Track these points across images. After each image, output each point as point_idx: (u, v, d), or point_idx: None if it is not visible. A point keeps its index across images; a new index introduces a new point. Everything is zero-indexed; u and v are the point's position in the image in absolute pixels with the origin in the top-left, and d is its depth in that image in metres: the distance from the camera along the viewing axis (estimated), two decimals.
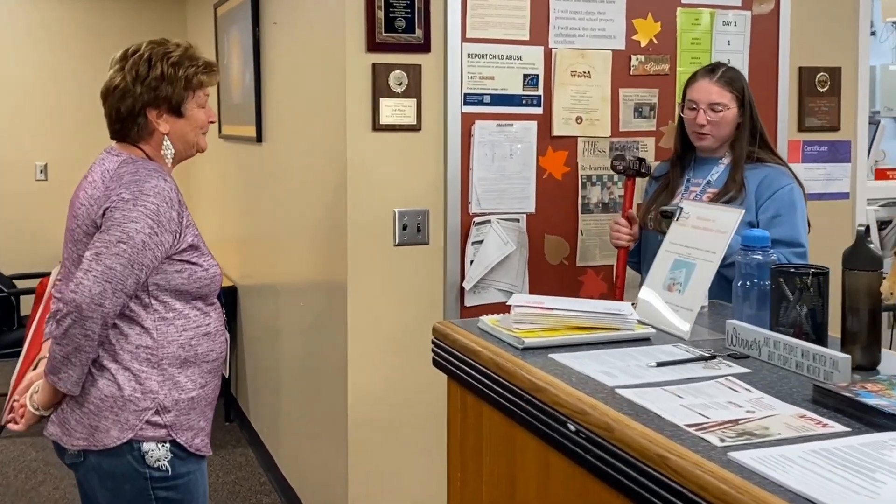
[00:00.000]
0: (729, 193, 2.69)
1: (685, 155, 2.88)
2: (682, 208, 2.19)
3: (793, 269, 1.85)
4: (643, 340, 1.99)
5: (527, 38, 3.11)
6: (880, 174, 3.84)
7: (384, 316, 3.05)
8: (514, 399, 1.80)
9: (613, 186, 3.26)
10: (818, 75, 3.50)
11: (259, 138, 4.14)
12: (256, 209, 4.35)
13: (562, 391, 1.65)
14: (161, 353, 2.20)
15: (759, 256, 1.96)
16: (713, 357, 1.82)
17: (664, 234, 2.77)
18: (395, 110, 2.99)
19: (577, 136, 3.20)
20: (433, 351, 2.20)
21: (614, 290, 2.93)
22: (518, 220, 3.15)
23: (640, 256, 2.98)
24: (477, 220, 3.08)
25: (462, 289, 3.09)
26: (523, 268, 3.16)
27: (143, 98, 2.24)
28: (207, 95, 2.36)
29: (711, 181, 2.77)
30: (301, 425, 3.67)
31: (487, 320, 2.08)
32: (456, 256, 3.09)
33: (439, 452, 3.13)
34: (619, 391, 1.63)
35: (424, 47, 3.00)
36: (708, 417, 1.49)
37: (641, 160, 2.93)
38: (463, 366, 2.03)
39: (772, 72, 3.41)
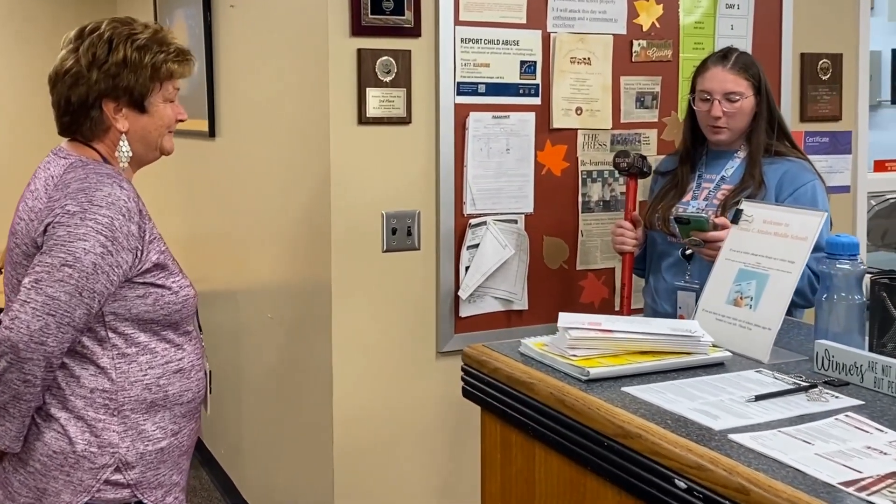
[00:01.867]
0: (747, 190, 2.45)
1: (695, 149, 2.64)
2: (741, 210, 1.94)
3: None
4: (717, 366, 1.73)
5: (524, 21, 2.82)
6: (879, 166, 3.68)
7: (372, 329, 2.74)
8: (588, 444, 1.52)
9: (615, 183, 3.00)
10: (820, 62, 3.30)
11: (212, 133, 3.76)
12: (207, 210, 3.97)
13: (662, 439, 1.38)
14: (122, 397, 1.83)
15: (847, 266, 1.72)
16: (813, 386, 1.58)
17: (674, 236, 2.54)
18: (382, 101, 2.67)
19: (576, 129, 2.93)
20: (463, 380, 1.91)
21: (621, 301, 2.67)
22: (516, 222, 2.87)
23: (645, 262, 2.73)
24: (472, 221, 2.79)
25: (457, 298, 2.80)
26: (523, 273, 2.88)
27: (100, 86, 1.87)
28: (177, 89, 1.99)
29: (726, 177, 2.53)
30: (272, 447, 3.33)
31: (531, 344, 1.80)
32: (449, 262, 2.79)
33: (436, 477, 2.86)
34: (731, 437, 1.37)
35: (414, 31, 2.69)
36: (860, 472, 1.24)
37: (644, 158, 2.68)
38: (509, 399, 1.74)
39: (774, 58, 3.20)
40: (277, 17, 3.02)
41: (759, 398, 1.52)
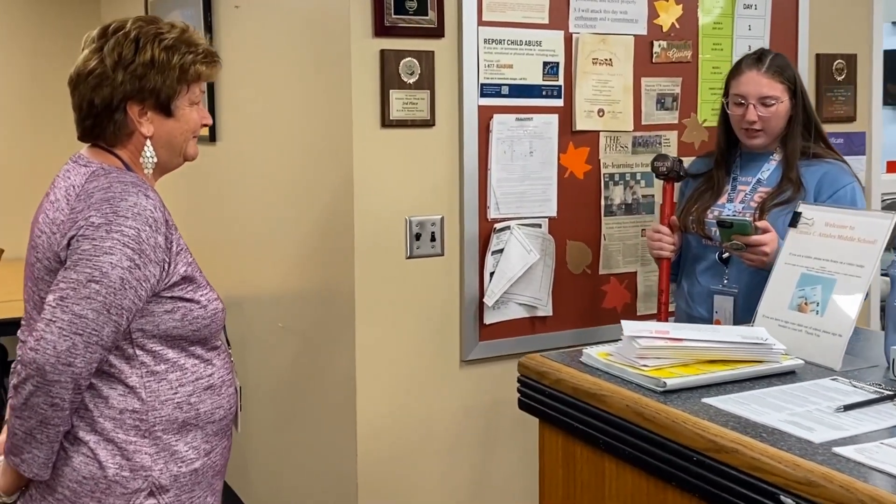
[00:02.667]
0: (785, 193, 2.41)
1: (729, 151, 2.59)
2: (800, 213, 1.90)
3: None
4: (789, 374, 1.68)
5: (546, 21, 2.77)
6: (891, 166, 3.67)
7: (396, 338, 2.67)
8: (673, 458, 1.46)
9: (636, 185, 2.96)
10: (835, 63, 3.28)
11: (213, 137, 3.66)
12: (207, 216, 3.87)
13: (762, 453, 1.32)
14: (152, 417, 1.74)
15: None
16: None
17: (709, 238, 2.50)
18: (406, 103, 2.60)
19: (599, 131, 2.88)
20: (520, 391, 1.84)
21: (659, 307, 2.61)
22: (540, 226, 2.81)
23: (678, 267, 2.68)
24: (497, 226, 2.73)
25: (481, 305, 2.74)
26: (548, 279, 2.82)
27: (125, 88, 1.77)
28: (203, 92, 1.90)
29: (762, 179, 2.50)
30: (285, 461, 3.24)
31: (595, 354, 1.74)
32: (474, 269, 2.73)
33: (463, 487, 2.78)
34: (836, 451, 1.32)
35: (438, 32, 2.62)
36: None
37: (681, 161, 2.63)
38: (575, 412, 1.68)
39: (791, 59, 3.15)
40: (293, 18, 2.93)
41: (847, 408, 1.48)
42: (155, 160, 1.83)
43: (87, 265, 1.65)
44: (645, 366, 1.63)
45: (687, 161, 2.77)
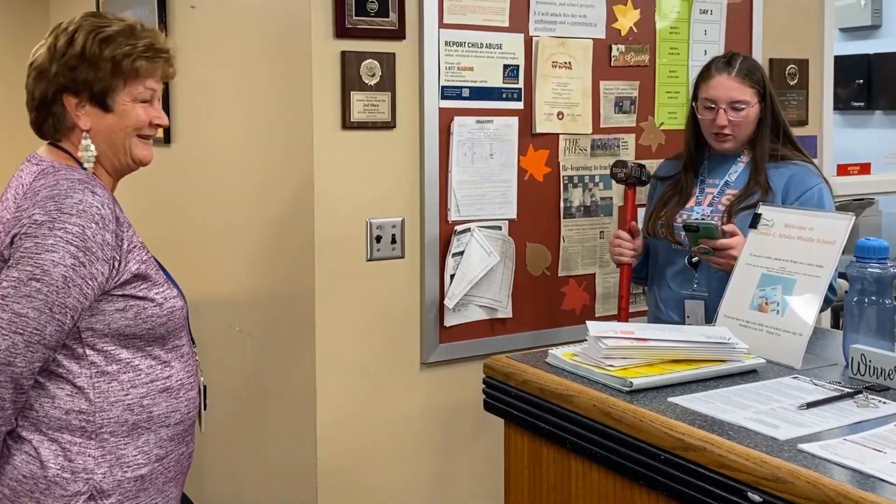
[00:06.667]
0: (753, 196, 2.41)
1: (697, 153, 2.59)
2: (761, 214, 1.92)
3: None
4: (751, 373, 1.71)
5: (506, 24, 2.78)
6: (842, 170, 3.75)
7: (356, 341, 2.65)
8: (640, 458, 1.47)
9: (595, 188, 2.98)
10: (788, 67, 3.34)
11: (167, 139, 3.61)
12: (164, 218, 3.81)
13: (730, 451, 1.34)
14: (100, 418, 1.71)
15: (877, 269, 1.71)
16: (859, 392, 1.56)
17: (679, 243, 2.50)
18: (367, 105, 2.59)
19: (558, 134, 2.90)
20: (485, 392, 1.84)
21: (619, 312, 2.63)
22: (500, 228, 2.82)
23: (647, 270, 2.69)
24: (457, 228, 2.73)
25: (441, 307, 2.74)
26: (508, 281, 2.83)
27: (59, 80, 1.75)
28: (153, 90, 1.83)
29: (730, 182, 2.50)
30: (242, 467, 3.20)
31: (560, 354, 1.75)
32: (434, 271, 2.73)
33: (424, 490, 2.78)
34: (801, 447, 1.34)
35: (399, 34, 2.62)
36: None
37: (642, 167, 2.64)
38: (542, 412, 1.68)
39: None
40: (252, 19, 2.91)
41: (809, 405, 1.50)
42: (94, 154, 1.79)
43: (28, 263, 1.63)
44: (611, 366, 1.64)
45: (650, 165, 2.79)
